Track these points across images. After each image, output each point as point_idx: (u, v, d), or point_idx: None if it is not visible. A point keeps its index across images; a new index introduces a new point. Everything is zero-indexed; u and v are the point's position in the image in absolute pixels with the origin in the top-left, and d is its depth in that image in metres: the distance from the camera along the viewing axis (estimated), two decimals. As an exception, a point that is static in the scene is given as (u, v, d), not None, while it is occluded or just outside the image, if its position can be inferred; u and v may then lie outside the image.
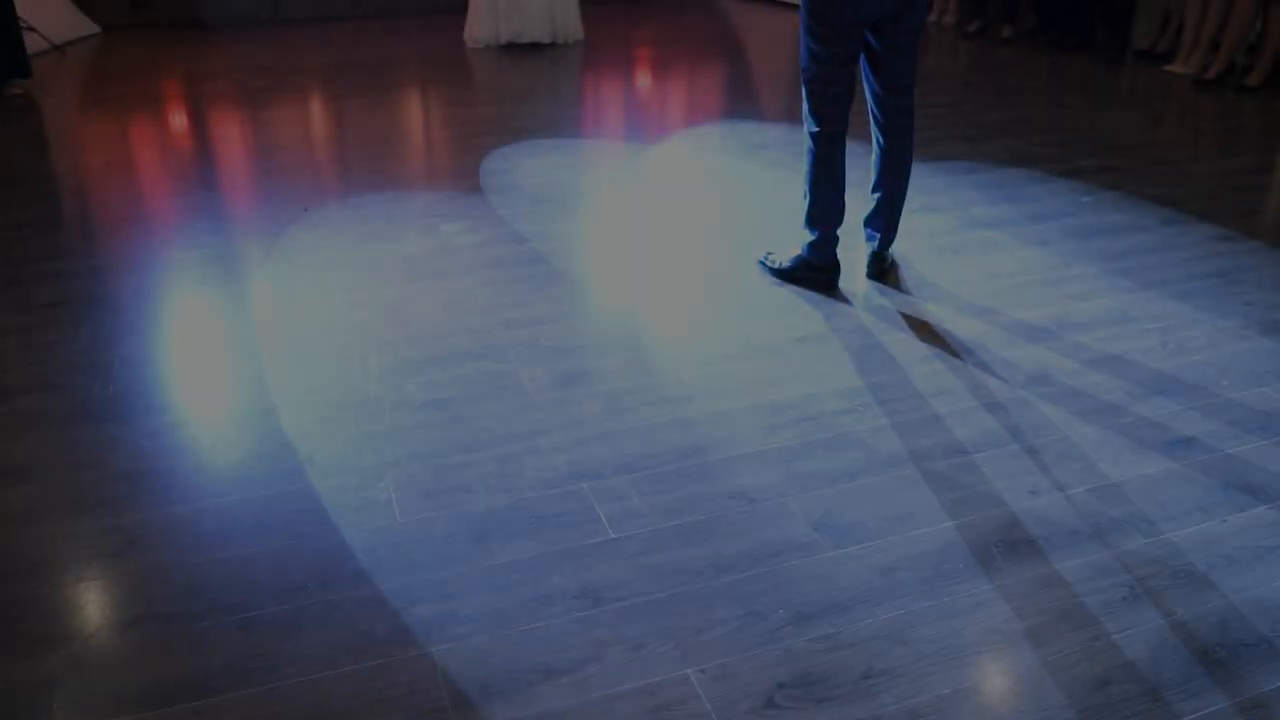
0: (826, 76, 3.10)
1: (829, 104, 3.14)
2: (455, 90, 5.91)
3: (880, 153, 3.34)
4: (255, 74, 6.19)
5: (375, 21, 7.68)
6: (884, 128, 3.29)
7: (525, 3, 6.64)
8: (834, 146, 3.21)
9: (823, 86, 3.11)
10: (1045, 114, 5.50)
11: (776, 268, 3.46)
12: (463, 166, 4.53)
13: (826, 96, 3.12)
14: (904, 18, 3.05)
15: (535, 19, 6.68)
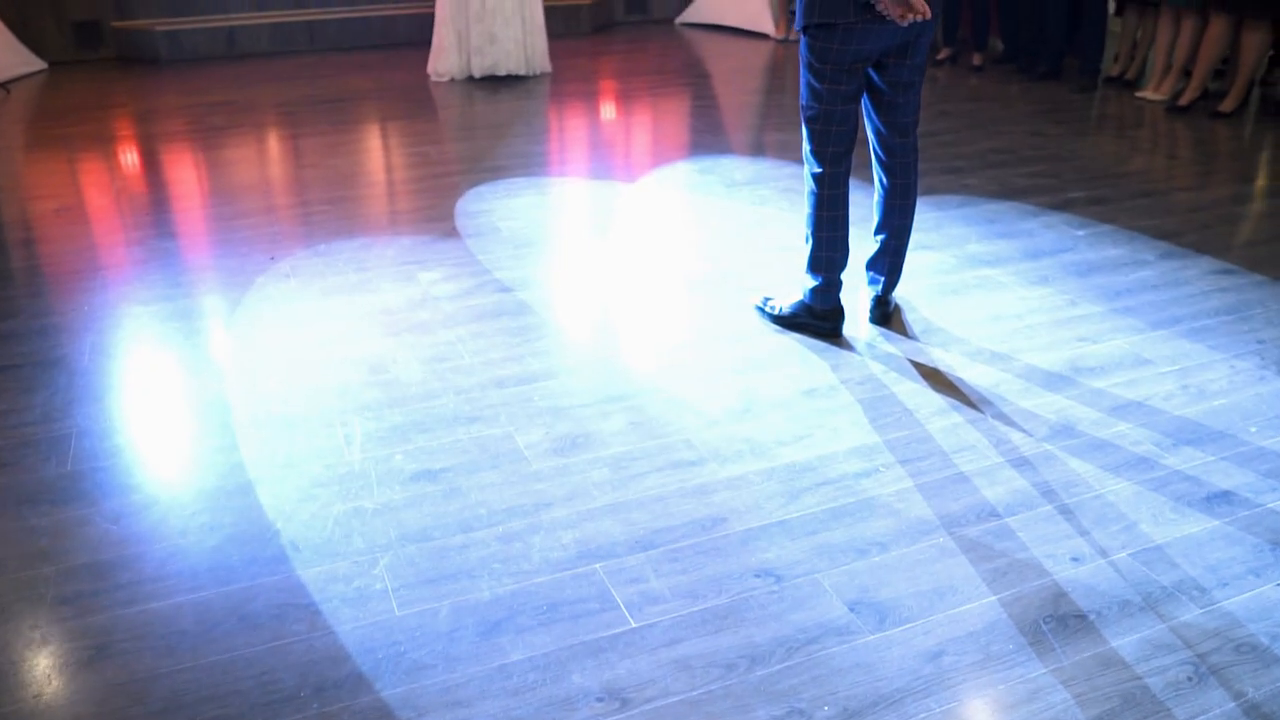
0: (829, 115, 2.98)
1: (832, 143, 3.02)
2: (423, 126, 5.72)
3: (884, 193, 3.21)
4: (212, 111, 5.96)
5: (334, 55, 7.48)
6: (887, 167, 3.16)
7: (498, 34, 6.48)
8: (838, 189, 3.08)
9: (825, 126, 2.99)
10: (1026, 144, 5.42)
11: (777, 314, 3.31)
12: (437, 208, 4.33)
13: (829, 136, 3.00)
14: (909, 53, 2.94)
15: (509, 51, 6.52)
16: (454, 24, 6.52)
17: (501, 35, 6.44)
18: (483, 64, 6.51)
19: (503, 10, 6.39)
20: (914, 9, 2.67)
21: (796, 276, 3.50)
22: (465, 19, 6.48)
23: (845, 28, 2.79)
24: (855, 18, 2.76)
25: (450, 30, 6.55)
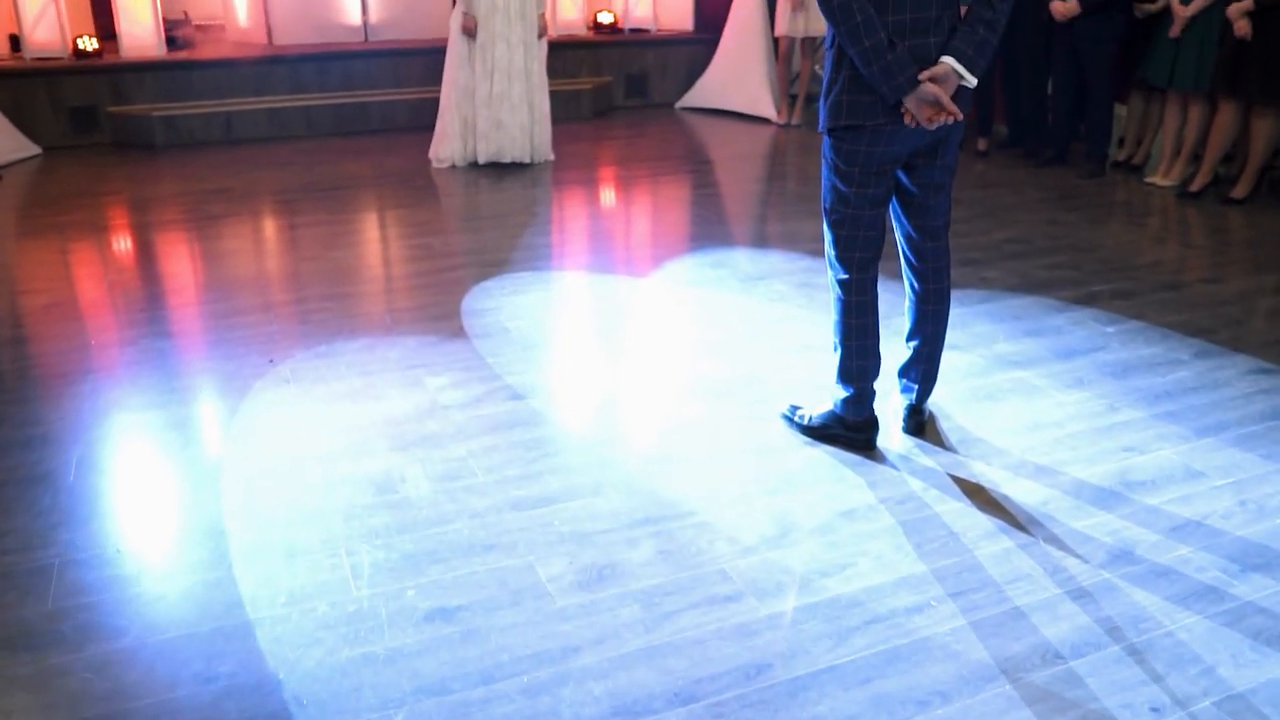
0: (856, 220, 2.84)
1: (859, 248, 2.88)
2: (424, 215, 5.59)
3: (915, 298, 3.08)
4: (208, 199, 5.83)
5: (332, 140, 7.39)
6: (919, 272, 3.04)
7: (505, 121, 6.34)
8: (865, 295, 2.93)
9: (852, 231, 2.86)
10: (1042, 233, 5.32)
11: (806, 424, 3.13)
12: (442, 306, 4.17)
13: (856, 241, 2.87)
14: (939, 153, 2.83)
15: (515, 138, 6.40)
16: (459, 110, 6.41)
17: (508, 122, 6.33)
18: (488, 150, 6.38)
19: (510, 97, 6.30)
20: (943, 110, 2.59)
21: (821, 379, 3.34)
22: (472, 105, 6.40)
23: (874, 129, 2.68)
24: (884, 119, 2.65)
25: (455, 116, 6.44)
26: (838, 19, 2.56)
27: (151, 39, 7.57)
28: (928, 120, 2.59)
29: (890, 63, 2.55)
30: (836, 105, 2.69)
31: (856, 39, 2.56)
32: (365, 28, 8.30)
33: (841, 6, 2.54)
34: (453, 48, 6.34)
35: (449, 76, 6.40)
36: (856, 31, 2.55)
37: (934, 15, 2.61)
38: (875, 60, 2.56)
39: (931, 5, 2.60)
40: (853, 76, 2.65)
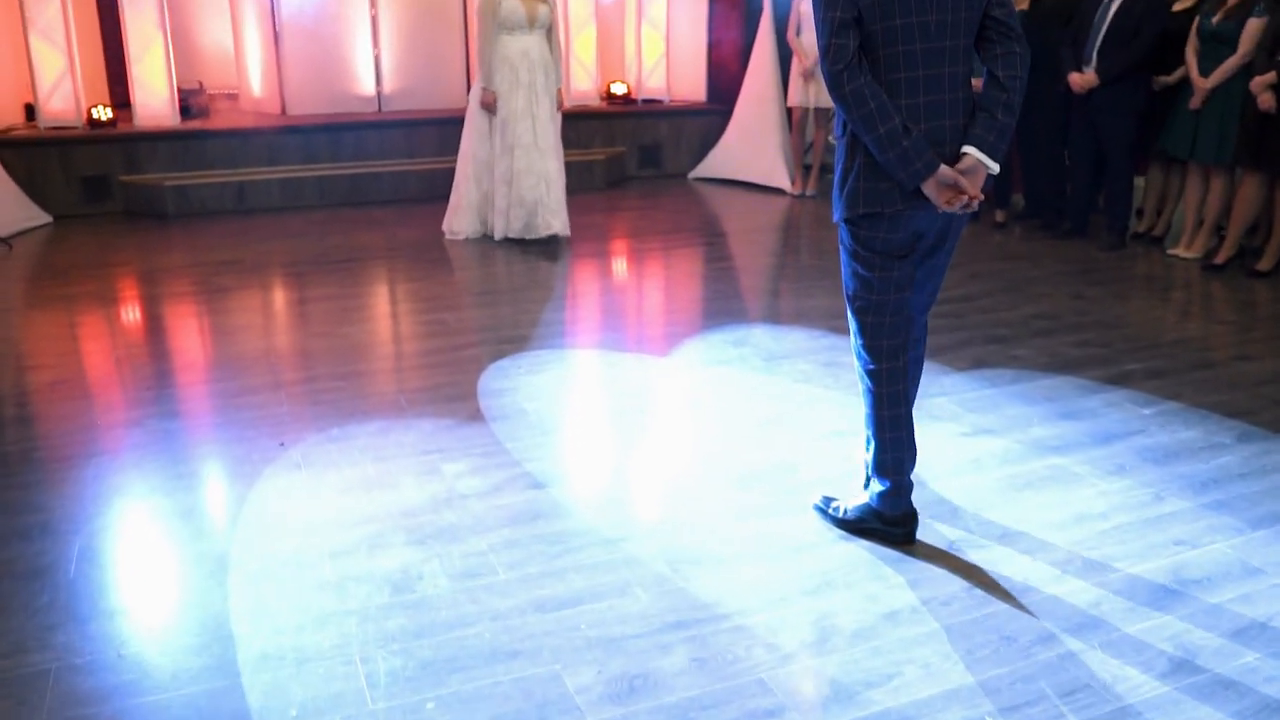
0: (882, 306, 2.76)
1: (886, 335, 2.79)
2: (438, 289, 5.50)
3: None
4: (219, 271, 5.76)
5: (345, 210, 7.34)
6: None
7: (525, 196, 6.19)
8: (896, 385, 2.81)
9: (878, 317, 2.77)
10: (1068, 308, 5.22)
11: (841, 517, 3.00)
12: (457, 386, 4.05)
13: (883, 328, 2.78)
14: (947, 236, 2.78)
15: (535, 214, 6.21)
16: (477, 183, 6.36)
17: (528, 198, 6.18)
18: (507, 226, 6.25)
19: (530, 173, 6.17)
20: (961, 193, 2.54)
21: (854, 467, 3.22)
22: (490, 179, 6.31)
23: (892, 215, 2.62)
24: (903, 205, 2.59)
25: (472, 189, 6.38)
26: (850, 106, 2.50)
27: (166, 109, 7.57)
28: (946, 204, 2.54)
29: (907, 149, 2.49)
30: (854, 194, 2.63)
31: (871, 126, 2.49)
32: (379, 98, 8.31)
33: (854, 93, 2.48)
34: (471, 121, 6.30)
35: (465, 149, 6.36)
36: (871, 118, 2.49)
37: (948, 97, 2.57)
38: (891, 147, 2.49)
39: (945, 88, 2.56)
40: (869, 163, 2.59)
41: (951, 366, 4.34)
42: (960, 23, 2.53)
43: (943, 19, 2.51)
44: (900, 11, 2.48)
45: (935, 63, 2.53)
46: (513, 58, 6.05)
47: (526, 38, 6.06)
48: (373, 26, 8.19)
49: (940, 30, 2.51)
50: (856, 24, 2.48)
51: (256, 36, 8.20)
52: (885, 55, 2.51)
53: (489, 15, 6.00)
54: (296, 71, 8.08)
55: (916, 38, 2.50)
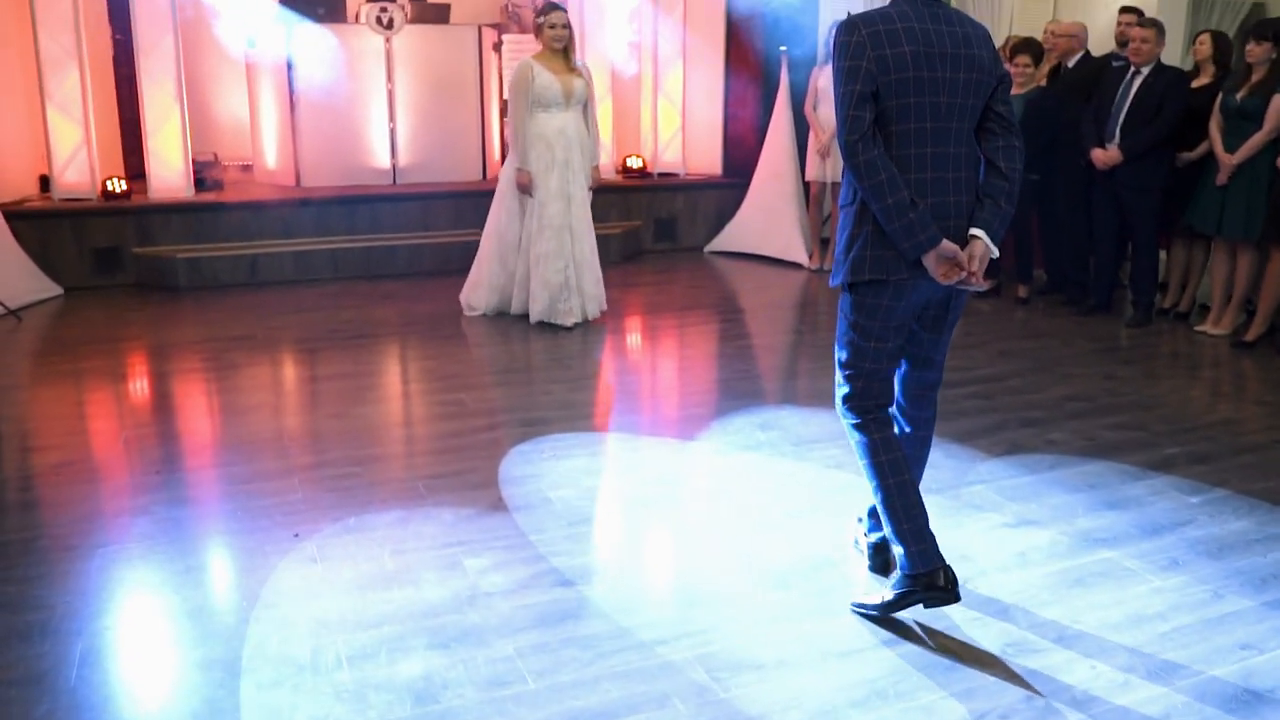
0: (873, 373, 2.84)
1: (873, 398, 2.87)
2: (455, 368, 5.37)
3: (902, 440, 2.94)
4: (230, 347, 5.65)
5: (359, 284, 7.26)
6: (910, 417, 3.01)
7: (551, 279, 5.93)
8: (886, 430, 2.86)
9: (867, 383, 2.86)
10: (1100, 388, 5.08)
11: (885, 603, 2.83)
12: (478, 472, 3.91)
13: (870, 392, 2.86)
14: (950, 306, 2.84)
15: (564, 296, 5.97)
16: (502, 262, 6.16)
17: (554, 282, 5.94)
18: (537, 310, 5.99)
19: (560, 256, 5.92)
20: (959, 266, 2.63)
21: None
22: (515, 259, 6.09)
23: (896, 284, 2.70)
24: (906, 274, 2.68)
25: (496, 267, 6.18)
26: (863, 175, 2.61)
27: (181, 181, 7.54)
28: (944, 277, 2.63)
29: (913, 220, 2.59)
30: (859, 261, 2.71)
31: (880, 196, 2.60)
32: (394, 171, 8.29)
33: (868, 163, 2.59)
34: (501, 199, 6.09)
35: (491, 227, 6.17)
36: (881, 188, 2.59)
37: (952, 175, 2.68)
38: (899, 217, 2.59)
39: (950, 166, 2.68)
40: (875, 232, 2.68)
41: (986, 452, 4.20)
42: (968, 107, 2.68)
43: (952, 101, 2.64)
44: (914, 91, 2.60)
45: (942, 141, 2.66)
46: (548, 136, 5.83)
47: (562, 114, 5.85)
48: (389, 100, 8.20)
49: (950, 112, 2.65)
50: (874, 99, 2.60)
51: (272, 108, 8.21)
52: (898, 131, 2.63)
53: (522, 92, 5.78)
54: (312, 144, 8.06)
55: (927, 117, 2.63)
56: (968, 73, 2.65)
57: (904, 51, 2.58)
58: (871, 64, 2.58)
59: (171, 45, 7.31)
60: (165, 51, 7.31)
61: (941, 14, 2.66)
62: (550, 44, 5.79)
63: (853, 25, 2.62)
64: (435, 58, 8.29)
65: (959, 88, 2.64)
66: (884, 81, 2.58)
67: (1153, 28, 6.17)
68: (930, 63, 2.60)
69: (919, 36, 2.60)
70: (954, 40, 2.64)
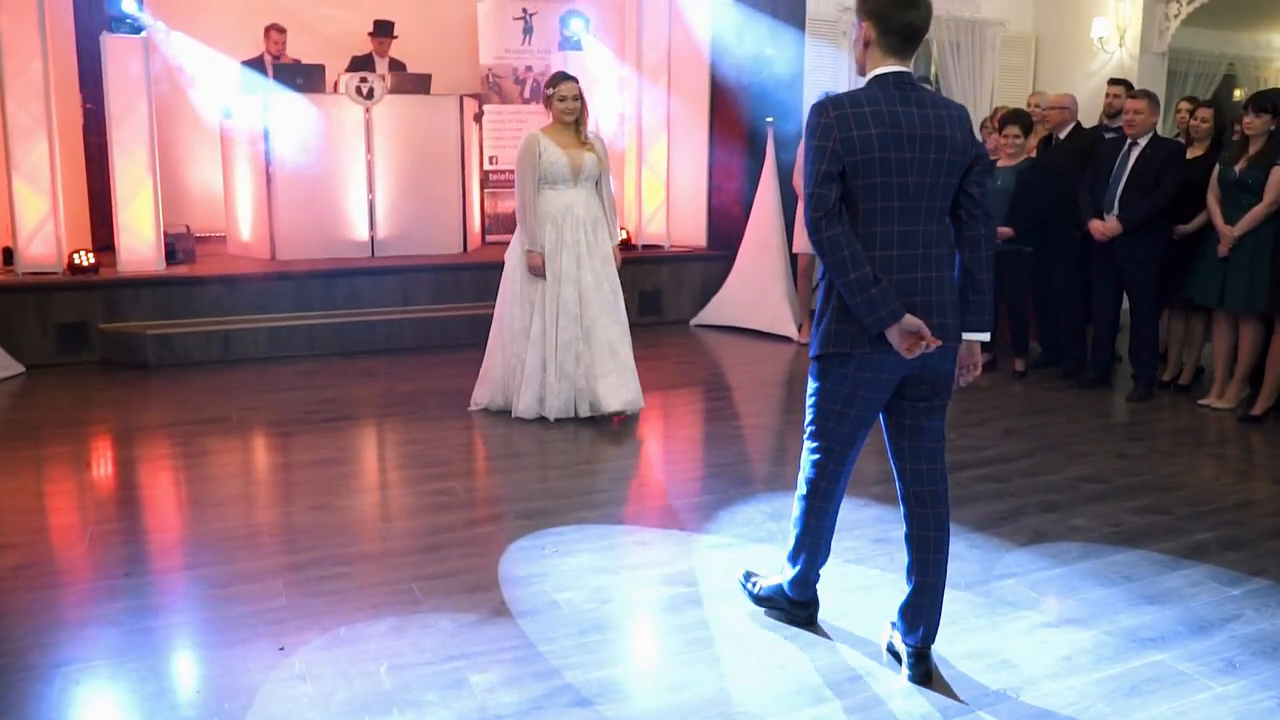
0: (842, 439, 2.91)
1: (834, 462, 2.96)
2: (443, 453, 5.10)
3: (914, 528, 2.92)
4: (202, 431, 5.36)
5: (336, 361, 7.00)
6: (916, 495, 2.92)
7: (568, 370, 5.45)
8: (832, 501, 3.02)
9: (829, 447, 2.93)
10: (1114, 468, 4.91)
11: (756, 594, 3.32)
12: (476, 573, 3.64)
13: (833, 455, 2.94)
14: (928, 379, 2.84)
15: (585, 389, 5.49)
16: (513, 354, 5.54)
17: (569, 371, 5.47)
18: (556, 406, 5.48)
19: (580, 343, 5.44)
20: (922, 339, 2.69)
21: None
22: (525, 349, 5.49)
23: (861, 357, 2.77)
24: (870, 348, 2.75)
25: (506, 359, 5.59)
26: (826, 251, 2.69)
27: (151, 254, 7.29)
28: (907, 351, 2.69)
29: (874, 295, 2.66)
30: (826, 334, 2.80)
31: (843, 271, 2.67)
32: (373, 243, 8.09)
33: (830, 240, 2.67)
34: (508, 282, 5.56)
35: (500, 313, 5.61)
36: (844, 264, 2.67)
37: (920, 253, 2.74)
38: (861, 292, 2.67)
39: (919, 244, 2.74)
40: (841, 306, 2.75)
41: (1011, 541, 3.99)
42: (939, 187, 2.74)
43: (921, 181, 2.70)
44: (881, 171, 2.67)
45: (911, 220, 2.71)
46: (555, 215, 5.38)
47: (570, 192, 5.40)
48: (368, 171, 8.02)
49: (919, 191, 2.71)
50: (841, 178, 2.67)
51: (248, 179, 8.00)
52: (865, 209, 2.70)
53: (529, 167, 5.33)
54: (288, 216, 7.86)
55: (895, 196, 2.69)
56: (938, 153, 2.70)
57: (871, 133, 2.65)
58: (838, 144, 2.65)
59: (145, 114, 7.10)
60: (138, 121, 7.10)
61: (914, 96, 2.72)
62: (560, 117, 5.37)
63: (823, 107, 2.70)
64: (416, 128, 8.14)
65: (928, 168, 2.70)
66: (850, 161, 2.66)
67: (1146, 99, 6.12)
68: (898, 144, 2.66)
69: (887, 118, 2.66)
70: (924, 121, 2.69)
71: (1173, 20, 8.64)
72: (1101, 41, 8.84)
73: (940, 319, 2.76)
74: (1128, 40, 8.77)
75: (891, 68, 2.73)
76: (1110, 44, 8.83)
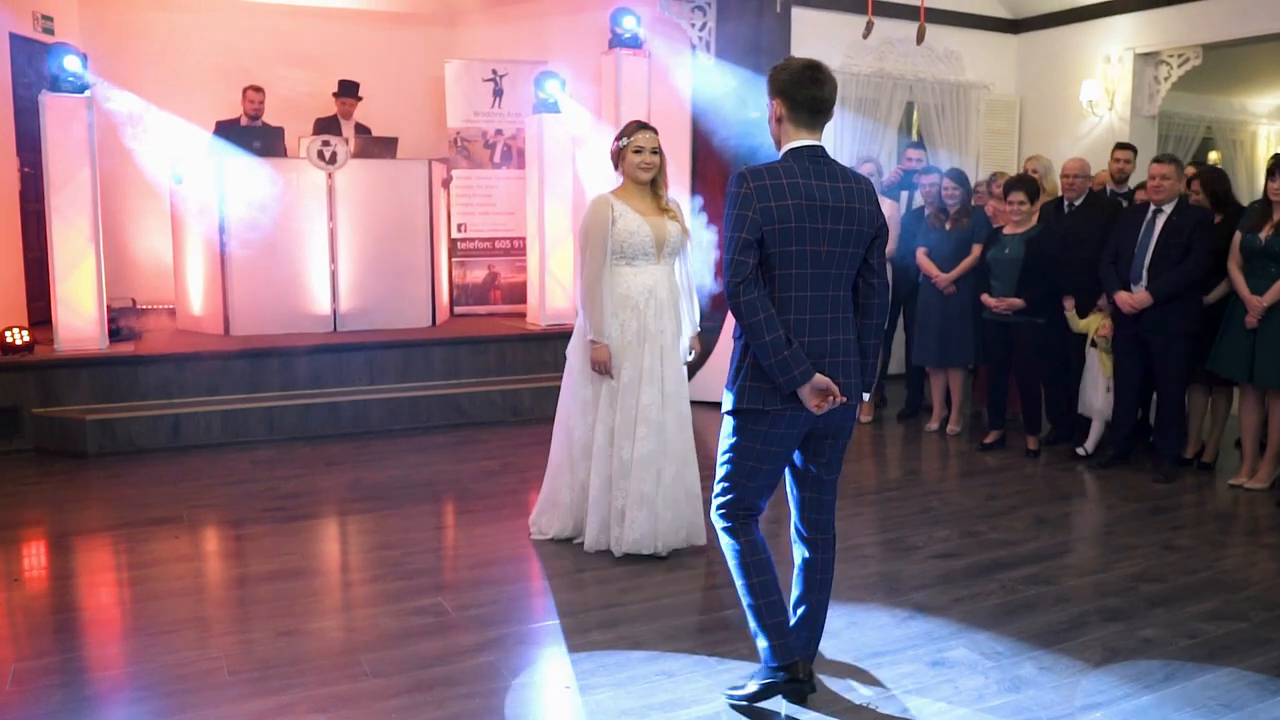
0: (746, 488, 3.06)
1: (744, 507, 3.09)
2: (424, 558, 4.53)
3: (804, 568, 3.19)
4: (148, 535, 4.75)
5: (297, 447, 6.41)
6: (809, 541, 3.17)
7: (648, 492, 4.35)
8: (752, 535, 3.10)
9: (740, 495, 3.08)
10: (1165, 564, 4.49)
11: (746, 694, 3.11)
12: (481, 715, 3.08)
13: (743, 503, 3.09)
14: (833, 434, 3.06)
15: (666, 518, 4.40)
16: (575, 471, 4.56)
17: (649, 493, 4.36)
18: (631, 538, 4.36)
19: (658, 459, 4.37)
20: (830, 395, 2.89)
21: None
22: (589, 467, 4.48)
23: (774, 414, 2.93)
24: (783, 405, 2.91)
25: (570, 478, 4.58)
26: (742, 314, 2.86)
27: (93, 331, 6.67)
28: (816, 407, 2.89)
29: (786, 357, 2.85)
30: (741, 391, 2.96)
31: (758, 334, 2.85)
32: (334, 317, 7.54)
33: (747, 304, 2.84)
34: (570, 384, 4.53)
35: (563, 421, 4.59)
36: (759, 327, 2.85)
37: (829, 316, 2.95)
38: (774, 354, 2.84)
39: (828, 308, 2.94)
40: (755, 365, 2.91)
41: (1083, 660, 3.52)
42: (846, 256, 2.94)
43: (832, 250, 2.90)
44: (796, 240, 2.86)
45: (822, 286, 2.91)
46: (634, 297, 4.33)
47: (652, 269, 4.35)
48: (330, 240, 7.50)
49: (829, 259, 2.91)
50: (759, 245, 2.85)
51: (200, 249, 7.45)
52: (780, 275, 2.89)
53: (600, 239, 4.28)
54: (243, 288, 7.29)
55: (808, 263, 2.89)
56: (848, 224, 2.90)
57: (788, 204, 2.83)
58: (758, 214, 2.82)
59: (88, 179, 6.52)
60: (80, 187, 6.52)
61: (826, 170, 2.92)
62: (634, 174, 4.33)
63: (743, 178, 2.86)
64: (381, 194, 7.65)
65: (838, 238, 2.90)
66: (769, 230, 2.83)
67: (1172, 164, 5.81)
68: (812, 214, 2.86)
69: (802, 190, 2.86)
70: (835, 194, 2.89)
71: (1163, 83, 8.44)
72: (1091, 104, 8.61)
73: (846, 378, 2.96)
74: (1118, 103, 8.56)
75: (804, 141, 2.94)
76: (1100, 107, 8.61)
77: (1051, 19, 9.12)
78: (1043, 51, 9.25)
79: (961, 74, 9.15)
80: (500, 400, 7.16)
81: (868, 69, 8.66)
